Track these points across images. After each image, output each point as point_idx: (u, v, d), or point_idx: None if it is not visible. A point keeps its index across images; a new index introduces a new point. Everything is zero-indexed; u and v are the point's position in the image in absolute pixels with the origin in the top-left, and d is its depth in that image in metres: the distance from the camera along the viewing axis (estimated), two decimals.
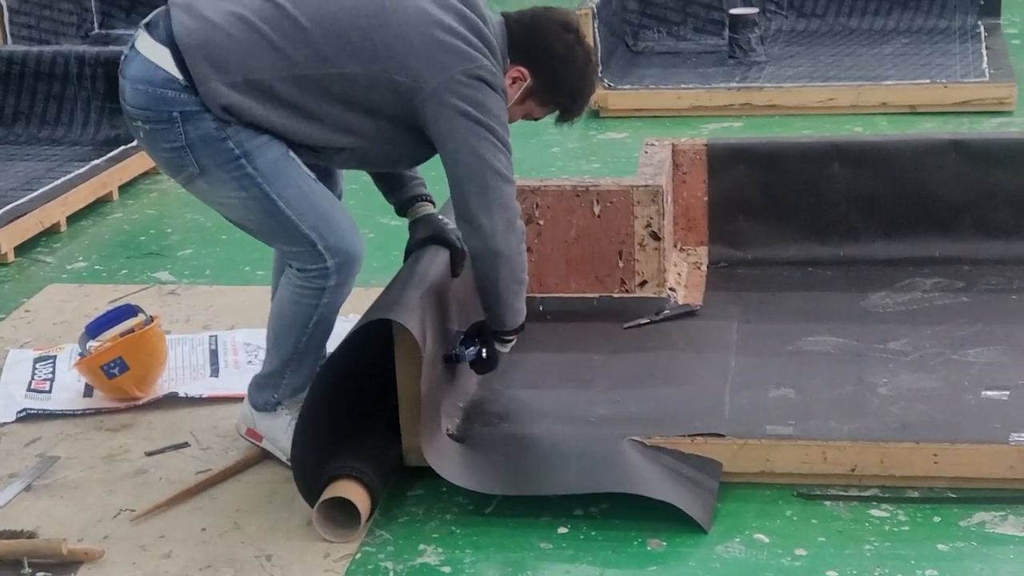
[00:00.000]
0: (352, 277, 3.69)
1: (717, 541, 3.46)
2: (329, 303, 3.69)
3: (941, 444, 3.63)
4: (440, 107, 3.50)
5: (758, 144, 5.19)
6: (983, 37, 8.27)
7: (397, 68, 3.51)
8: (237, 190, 3.57)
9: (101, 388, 4.29)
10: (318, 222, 3.60)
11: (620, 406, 3.93)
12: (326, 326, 3.75)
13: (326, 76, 3.52)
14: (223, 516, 3.63)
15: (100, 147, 6.67)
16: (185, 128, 3.51)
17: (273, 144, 3.56)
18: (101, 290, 5.31)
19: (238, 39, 3.49)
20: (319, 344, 3.80)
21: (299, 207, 3.58)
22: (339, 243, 3.62)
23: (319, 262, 3.62)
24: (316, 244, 3.60)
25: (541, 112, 3.81)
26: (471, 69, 3.52)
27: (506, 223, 3.60)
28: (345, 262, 3.64)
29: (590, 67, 3.80)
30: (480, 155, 3.53)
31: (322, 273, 3.63)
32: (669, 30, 8.66)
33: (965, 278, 4.77)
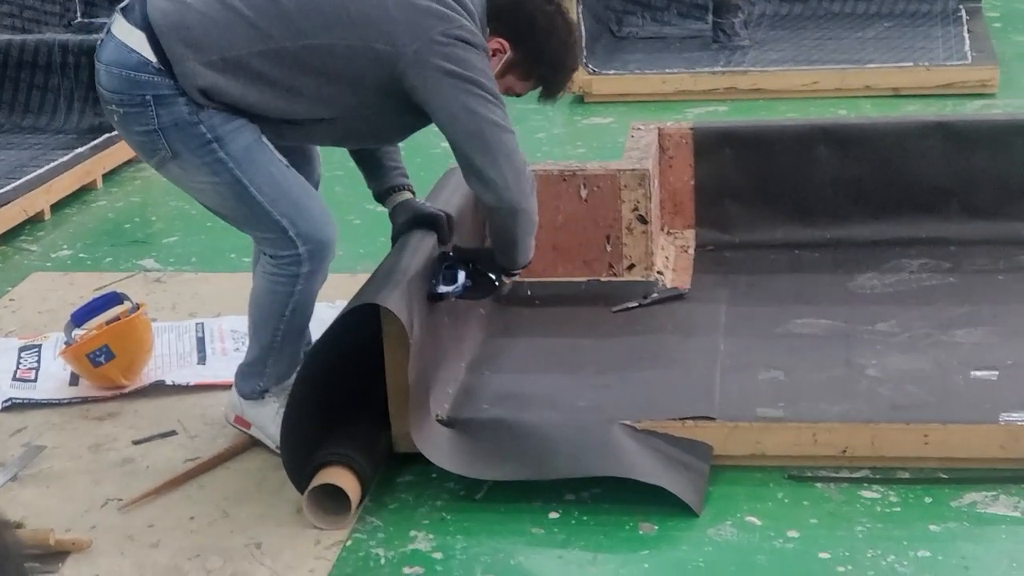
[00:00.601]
0: (325, 264, 3.66)
1: (709, 524, 3.46)
2: (304, 289, 3.66)
3: (931, 425, 3.63)
4: (424, 71, 3.46)
5: (744, 127, 5.19)
6: (964, 20, 8.28)
7: (375, 36, 3.47)
8: (209, 175, 3.55)
9: (87, 377, 4.27)
10: (289, 208, 3.57)
11: (610, 390, 3.92)
12: (303, 312, 3.73)
13: (303, 49, 3.48)
14: (212, 504, 3.62)
15: (84, 135, 6.64)
16: (158, 112, 3.49)
17: (246, 129, 3.53)
18: (86, 278, 5.28)
19: (212, 18, 3.47)
20: (299, 330, 3.77)
21: (270, 193, 3.56)
22: (310, 230, 3.59)
23: (290, 248, 3.60)
24: (287, 231, 3.58)
25: (522, 87, 3.77)
26: (449, 29, 3.48)
27: (515, 173, 3.59)
28: (317, 249, 3.61)
29: (572, 39, 3.78)
30: (474, 111, 3.49)
31: (294, 260, 3.61)
32: (653, 15, 8.65)
33: (952, 259, 4.77)
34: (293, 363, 3.79)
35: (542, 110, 7.29)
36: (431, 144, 6.79)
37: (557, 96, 3.81)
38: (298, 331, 3.77)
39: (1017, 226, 4.85)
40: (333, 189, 6.19)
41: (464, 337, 4.16)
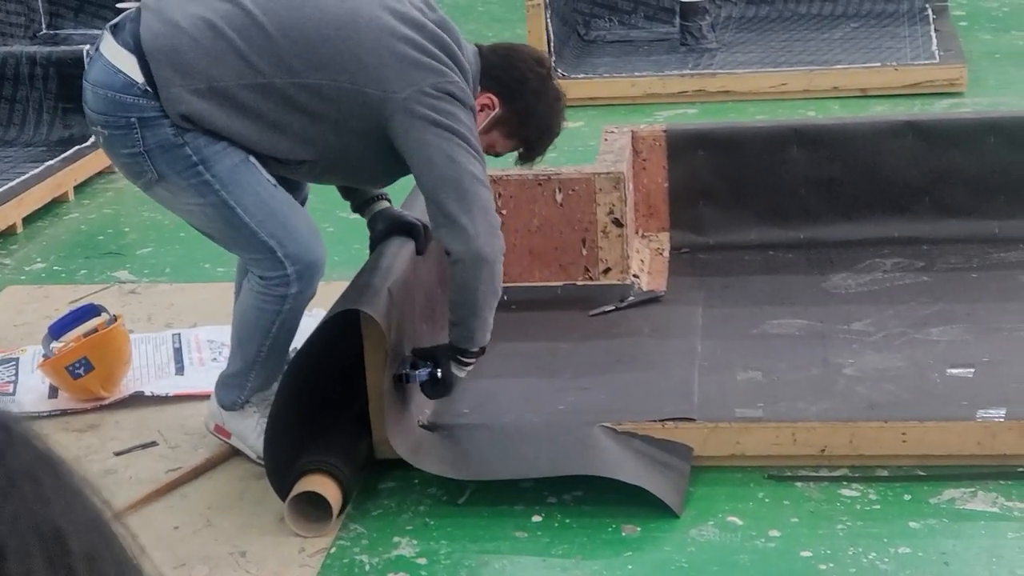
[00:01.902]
0: (314, 283, 3.66)
1: (691, 525, 3.48)
2: (292, 308, 3.66)
3: (909, 423, 3.66)
4: (411, 118, 3.45)
5: (717, 129, 5.21)
6: (931, 19, 8.31)
7: (366, 80, 3.47)
8: (195, 196, 3.55)
9: (66, 389, 4.26)
10: (277, 229, 3.56)
11: (589, 393, 3.94)
12: (289, 329, 3.73)
13: (292, 86, 3.48)
14: (195, 514, 3.62)
15: (54, 147, 6.61)
16: (143, 134, 3.48)
17: (232, 150, 3.52)
18: (61, 291, 5.27)
19: (204, 46, 3.47)
20: (283, 346, 3.77)
21: (258, 214, 3.55)
22: (299, 251, 3.58)
23: (279, 270, 3.59)
24: (276, 251, 3.57)
25: (504, 146, 3.77)
26: (441, 83, 3.48)
27: (489, 227, 3.52)
28: (306, 270, 3.60)
29: (559, 105, 3.77)
30: (455, 160, 3.47)
31: (283, 281, 3.60)
32: (620, 19, 8.67)
33: (925, 258, 4.81)
34: (274, 375, 3.79)
35: None
36: None
37: (535, 160, 3.82)
38: (282, 346, 3.77)
39: (989, 224, 4.89)
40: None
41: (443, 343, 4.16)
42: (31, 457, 0.74)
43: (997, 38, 8.52)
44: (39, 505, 0.73)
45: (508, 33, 9.27)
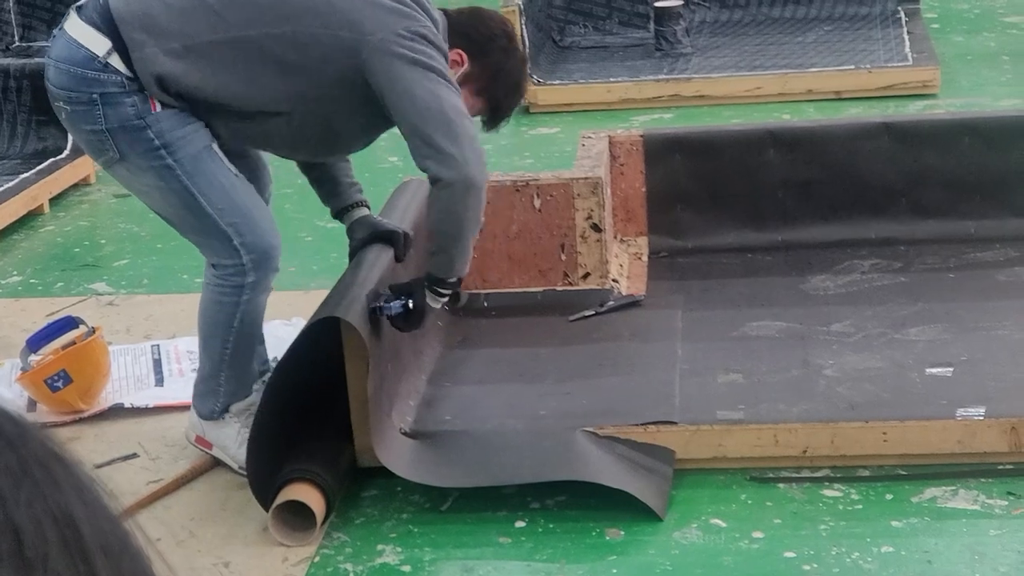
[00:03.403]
0: (269, 274, 3.67)
1: (674, 528, 3.48)
2: (250, 300, 3.67)
3: (890, 422, 3.67)
4: (388, 57, 3.45)
5: (694, 134, 5.22)
6: (904, 22, 8.34)
7: (339, 23, 3.48)
8: (156, 180, 3.56)
9: (45, 402, 4.24)
10: (235, 218, 3.58)
11: (571, 398, 3.94)
12: (252, 323, 3.73)
13: (265, 37, 3.50)
14: (178, 525, 3.61)
15: (29, 160, 6.58)
16: (105, 112, 3.49)
17: (196, 136, 3.54)
18: (38, 304, 5.25)
19: (176, 6, 3.49)
20: (248, 344, 3.77)
21: (217, 202, 3.56)
22: (255, 239, 3.60)
23: (235, 258, 3.60)
24: (232, 240, 3.58)
25: (472, 104, 3.74)
26: (413, 26, 3.50)
27: (476, 154, 3.51)
28: (261, 259, 3.61)
29: (525, 67, 3.84)
30: (436, 93, 3.47)
31: (238, 270, 3.61)
32: (595, 25, 8.68)
33: (902, 258, 4.82)
34: (246, 380, 3.79)
35: None
36: (379, 159, 6.82)
37: (501, 122, 3.82)
38: (248, 344, 3.77)
39: (965, 224, 4.91)
40: (283, 207, 6.19)
41: (423, 350, 4.17)
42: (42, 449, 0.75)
43: (969, 40, 8.56)
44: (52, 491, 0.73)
45: None
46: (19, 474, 0.72)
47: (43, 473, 0.73)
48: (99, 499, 0.77)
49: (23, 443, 0.74)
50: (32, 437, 0.75)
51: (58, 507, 0.73)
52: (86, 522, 0.75)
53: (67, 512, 0.73)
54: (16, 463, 0.73)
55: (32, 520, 0.71)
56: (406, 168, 6.38)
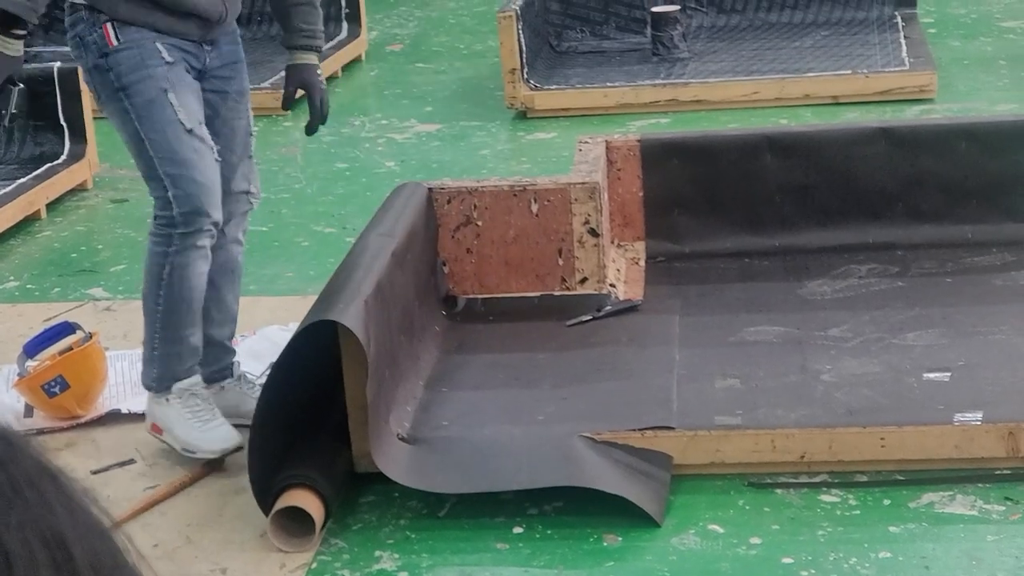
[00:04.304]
0: (197, 236, 3.76)
1: (672, 533, 3.48)
2: (178, 252, 3.76)
3: (887, 428, 3.67)
4: None
5: (691, 138, 5.22)
6: (901, 27, 8.34)
7: None
8: (118, 121, 3.80)
9: (42, 408, 4.24)
10: (174, 170, 3.72)
11: (568, 403, 3.94)
12: (183, 287, 3.80)
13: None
14: (175, 532, 3.60)
15: (25, 165, 6.58)
16: (84, 53, 3.76)
17: (150, 82, 3.71)
18: (35, 309, 5.24)
19: None
20: (181, 310, 3.83)
21: (161, 151, 3.72)
22: (187, 195, 3.72)
23: (167, 209, 3.74)
24: (168, 191, 3.73)
25: None
26: None
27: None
28: (189, 216, 3.73)
29: None
30: None
31: (169, 221, 3.75)
32: (592, 30, 8.67)
33: (899, 263, 4.82)
34: (183, 353, 3.87)
35: (485, 126, 7.35)
36: (376, 164, 6.84)
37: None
38: (180, 309, 3.83)
39: (962, 229, 4.91)
40: (280, 211, 6.21)
41: (420, 355, 4.17)
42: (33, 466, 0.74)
43: (966, 44, 8.56)
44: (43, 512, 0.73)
45: (480, 45, 9.29)
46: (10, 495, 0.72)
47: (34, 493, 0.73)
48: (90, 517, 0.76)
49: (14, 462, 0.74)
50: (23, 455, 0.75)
51: (49, 528, 0.73)
52: (77, 542, 0.74)
53: (58, 533, 0.73)
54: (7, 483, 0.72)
55: (23, 543, 0.71)
56: (403, 173, 6.39)
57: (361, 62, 8.99)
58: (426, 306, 4.39)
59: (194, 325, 3.89)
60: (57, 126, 6.54)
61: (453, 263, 4.63)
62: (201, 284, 3.84)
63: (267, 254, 5.60)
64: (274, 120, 7.56)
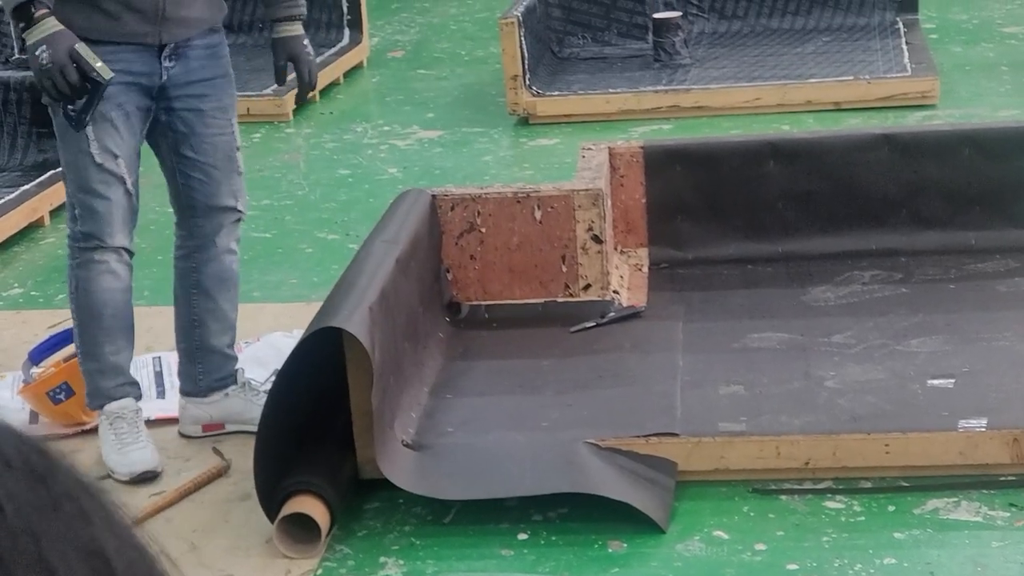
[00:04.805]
0: (97, 252, 3.85)
1: (677, 540, 3.48)
2: (80, 270, 3.89)
3: (891, 434, 3.67)
4: None
5: (694, 145, 5.22)
6: (902, 33, 8.35)
7: None
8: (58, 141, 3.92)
9: (47, 414, 4.24)
10: (78, 194, 3.83)
11: (572, 410, 3.94)
12: (90, 302, 3.91)
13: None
14: (180, 538, 3.61)
15: (28, 172, 6.58)
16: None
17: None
18: (39, 316, 5.24)
19: None
20: (91, 324, 3.94)
21: (71, 173, 3.84)
22: (85, 218, 3.83)
23: (73, 224, 3.88)
24: (74, 208, 3.86)
25: None
26: None
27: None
28: (87, 235, 3.83)
29: None
30: None
31: (72, 235, 3.88)
32: (594, 36, 8.68)
33: (902, 269, 4.82)
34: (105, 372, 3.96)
35: (487, 132, 7.35)
36: (379, 171, 6.84)
37: None
38: (91, 324, 3.94)
39: (965, 235, 4.91)
40: (284, 218, 6.21)
41: (425, 362, 4.17)
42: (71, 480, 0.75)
43: (967, 50, 8.57)
44: (82, 525, 0.74)
45: (481, 51, 9.30)
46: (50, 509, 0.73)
47: (73, 507, 0.74)
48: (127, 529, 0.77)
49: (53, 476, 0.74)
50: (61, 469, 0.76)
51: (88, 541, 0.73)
52: (115, 554, 0.75)
53: (97, 545, 0.74)
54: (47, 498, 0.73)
55: (63, 556, 0.72)
56: (406, 180, 6.40)
57: (363, 68, 9.00)
58: (430, 313, 4.40)
59: (112, 343, 3.96)
60: None
61: (457, 270, 4.64)
62: (113, 300, 3.91)
63: (271, 261, 5.60)
64: (276, 127, 7.57)
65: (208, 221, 4.00)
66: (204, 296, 4.08)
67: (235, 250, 4.10)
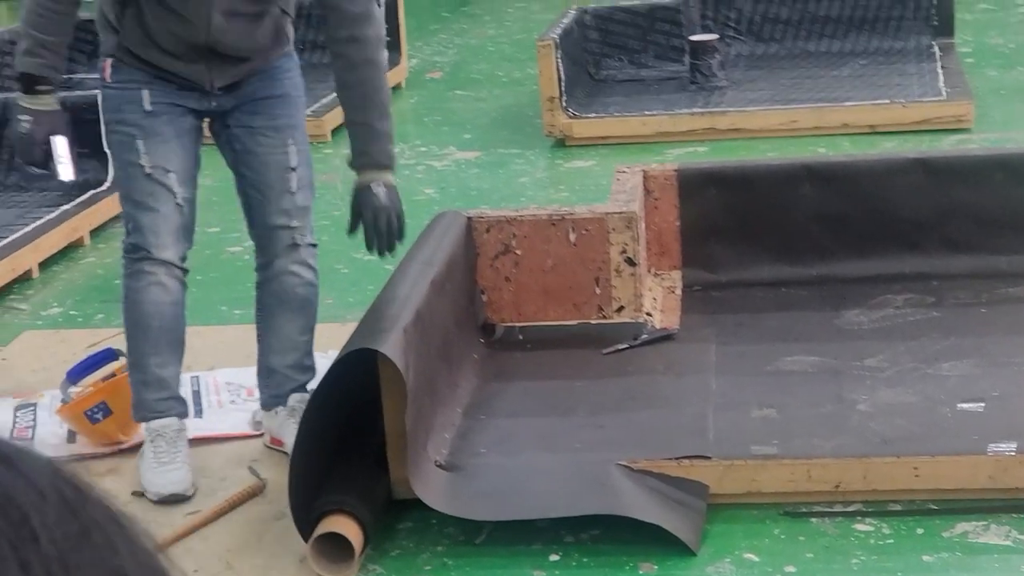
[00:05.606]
0: (145, 263, 3.90)
1: (708, 562, 3.50)
2: (129, 279, 3.96)
3: (921, 457, 3.68)
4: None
5: (728, 167, 5.25)
6: (938, 56, 8.36)
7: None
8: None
9: (85, 434, 4.29)
10: (128, 206, 3.93)
11: (604, 431, 3.97)
12: (134, 311, 3.98)
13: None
14: (215, 557, 3.65)
15: (70, 192, 6.65)
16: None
17: (123, 127, 3.84)
18: (78, 335, 5.30)
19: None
20: (137, 335, 4.00)
21: (123, 187, 3.96)
22: (134, 230, 3.91)
23: (126, 236, 3.97)
24: (127, 221, 3.96)
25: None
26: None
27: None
28: (135, 246, 3.91)
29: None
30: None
31: (124, 246, 3.97)
32: (631, 58, 8.72)
33: (935, 293, 4.83)
34: (149, 384, 4.01)
35: (523, 154, 7.40)
36: (415, 191, 6.88)
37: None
38: (138, 335, 4.00)
39: (997, 259, 4.92)
40: (320, 238, 6.23)
41: (459, 382, 4.21)
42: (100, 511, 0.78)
43: (1003, 74, 8.57)
44: (108, 555, 0.77)
45: (519, 72, 9.35)
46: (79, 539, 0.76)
47: (102, 537, 0.77)
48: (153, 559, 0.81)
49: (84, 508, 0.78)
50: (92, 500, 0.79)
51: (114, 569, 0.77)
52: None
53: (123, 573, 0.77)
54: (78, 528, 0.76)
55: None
56: (442, 201, 6.44)
57: (401, 89, 9.06)
58: (465, 334, 4.43)
59: (158, 355, 3.99)
60: (100, 153, 6.59)
61: (491, 291, 4.68)
62: (159, 313, 3.96)
63: None
64: (313, 147, 7.59)
65: (266, 239, 4.07)
66: (265, 314, 4.15)
67: (298, 273, 4.09)
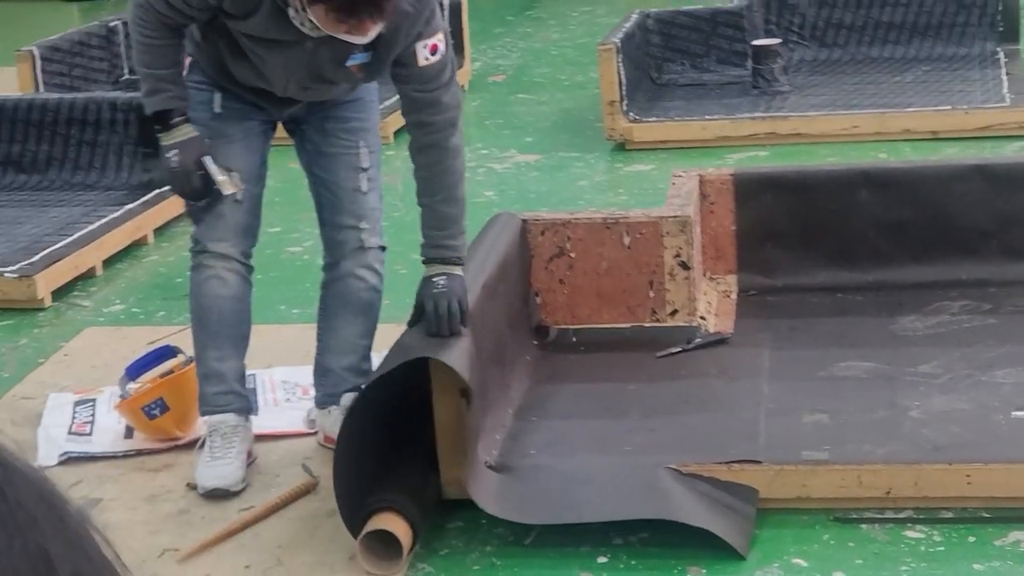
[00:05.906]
0: (205, 257, 3.98)
1: (756, 567, 3.50)
2: (193, 272, 4.04)
3: (974, 464, 3.67)
4: None
5: (785, 173, 5.24)
6: (1003, 63, 8.29)
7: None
8: None
9: (142, 429, 4.34)
10: (195, 210, 4.00)
11: (655, 434, 3.98)
12: (197, 304, 4.06)
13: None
14: (266, 553, 3.68)
15: (134, 191, 6.74)
16: None
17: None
18: (139, 333, 5.36)
19: None
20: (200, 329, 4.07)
21: None
22: (196, 224, 4.01)
23: (192, 239, 4.05)
24: (193, 225, 4.04)
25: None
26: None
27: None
28: (196, 240, 4.01)
29: None
30: None
31: (191, 248, 4.05)
32: (692, 62, 8.70)
33: (992, 300, 4.80)
34: (209, 377, 4.07)
35: (583, 157, 7.41)
36: (475, 193, 6.89)
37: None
38: (198, 328, 4.07)
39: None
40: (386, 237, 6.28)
41: (511, 384, 4.23)
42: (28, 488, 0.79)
43: None
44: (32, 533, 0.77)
45: (581, 76, 9.36)
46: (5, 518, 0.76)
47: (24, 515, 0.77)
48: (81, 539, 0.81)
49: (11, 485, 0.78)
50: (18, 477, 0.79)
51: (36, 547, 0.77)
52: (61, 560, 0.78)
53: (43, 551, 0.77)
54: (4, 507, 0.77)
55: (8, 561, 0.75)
56: (501, 203, 6.46)
57: (464, 92, 9.08)
58: (518, 336, 4.45)
59: (217, 349, 4.05)
60: None
61: (546, 293, 4.69)
62: (218, 307, 4.02)
63: None
64: None
65: (334, 240, 4.12)
66: (327, 314, 4.18)
67: (364, 277, 4.12)
